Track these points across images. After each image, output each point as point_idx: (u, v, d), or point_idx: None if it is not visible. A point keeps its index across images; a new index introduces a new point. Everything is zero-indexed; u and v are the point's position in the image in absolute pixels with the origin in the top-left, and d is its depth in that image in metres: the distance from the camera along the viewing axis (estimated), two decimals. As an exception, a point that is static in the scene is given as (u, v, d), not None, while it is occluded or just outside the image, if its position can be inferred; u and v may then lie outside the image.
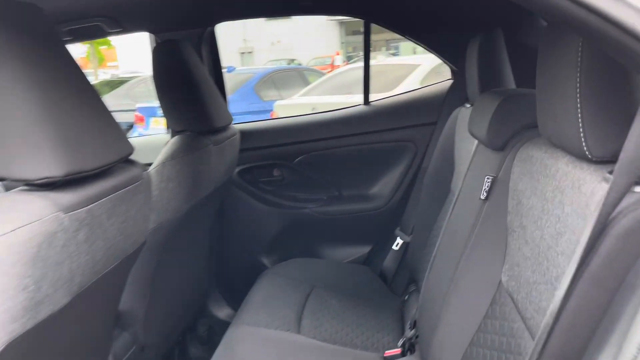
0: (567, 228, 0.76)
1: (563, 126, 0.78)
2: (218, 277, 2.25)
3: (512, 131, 1.09)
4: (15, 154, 0.78)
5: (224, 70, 2.17)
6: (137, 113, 6.80)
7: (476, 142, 1.43)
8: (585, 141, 0.71)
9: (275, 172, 2.20)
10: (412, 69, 5.86)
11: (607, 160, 0.71)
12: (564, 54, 0.75)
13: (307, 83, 8.13)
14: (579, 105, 0.71)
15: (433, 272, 1.38)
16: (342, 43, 29.42)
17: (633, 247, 0.60)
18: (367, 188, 2.18)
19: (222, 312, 2.26)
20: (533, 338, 0.85)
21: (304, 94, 6.40)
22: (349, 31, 30.11)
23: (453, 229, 1.30)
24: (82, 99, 0.90)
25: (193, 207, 1.56)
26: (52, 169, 0.78)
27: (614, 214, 0.61)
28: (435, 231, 1.75)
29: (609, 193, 0.62)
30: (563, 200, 0.79)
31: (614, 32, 0.53)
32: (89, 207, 0.86)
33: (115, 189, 0.95)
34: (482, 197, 1.11)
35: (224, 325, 2.25)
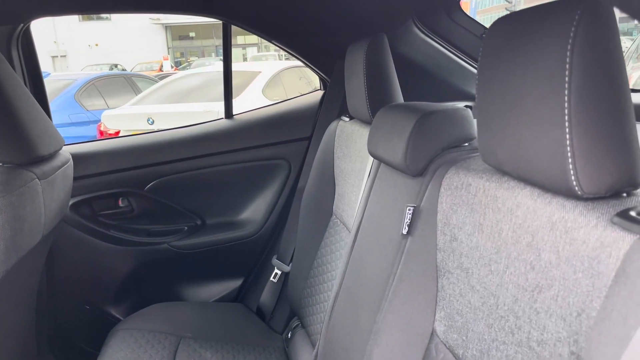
0: (552, 281, 0.61)
1: (532, 153, 0.63)
2: (51, 339, 1.77)
3: (433, 153, 0.95)
4: None
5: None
6: None
7: (371, 162, 1.27)
8: (576, 175, 0.58)
9: (121, 203, 1.81)
10: (252, 77, 5.68)
11: (601, 196, 0.59)
12: (540, 62, 0.60)
13: (137, 90, 7.46)
14: (567, 131, 0.57)
15: (336, 316, 1.19)
16: (169, 48, 28.13)
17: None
18: (235, 214, 1.91)
19: (58, 383, 1.80)
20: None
21: (136, 103, 5.80)
22: (176, 36, 28.97)
23: (360, 268, 1.12)
24: None
25: (13, 268, 1.14)
26: None
27: None
28: (319, 259, 1.57)
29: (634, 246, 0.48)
30: (536, 245, 0.65)
31: None
32: None
33: None
34: (404, 231, 0.94)
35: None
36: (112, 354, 1.46)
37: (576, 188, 0.58)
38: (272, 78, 5.60)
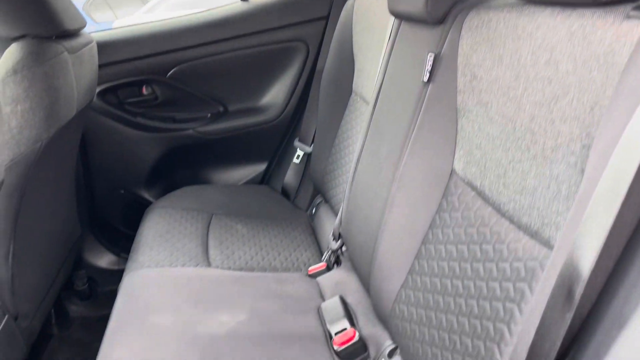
0: (568, 88, 0.65)
1: None
2: (92, 221, 1.90)
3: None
4: None
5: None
6: None
7: (390, 29, 1.28)
8: None
9: (145, 90, 1.85)
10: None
11: (618, 0, 0.60)
12: None
13: (146, 1, 7.26)
14: None
15: (359, 176, 1.25)
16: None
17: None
18: (256, 99, 1.95)
19: (102, 260, 1.95)
20: (513, 222, 0.76)
21: (147, 11, 5.68)
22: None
23: (381, 126, 1.17)
24: None
25: (53, 138, 1.22)
26: None
27: None
28: (340, 136, 1.62)
29: None
30: (554, 59, 0.68)
31: None
32: None
33: None
34: (425, 78, 0.97)
35: (107, 275, 1.96)
36: (150, 227, 1.57)
37: None
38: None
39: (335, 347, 1.10)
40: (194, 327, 1.12)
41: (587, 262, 0.49)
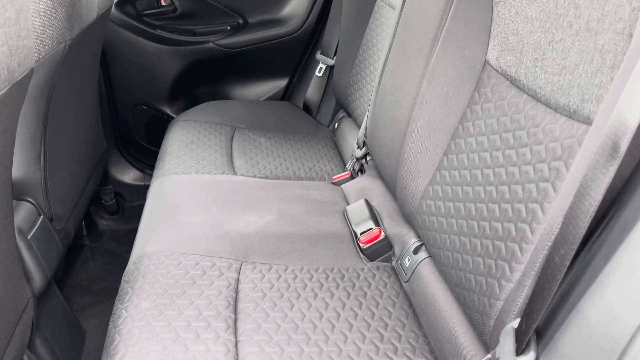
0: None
1: None
2: (115, 137, 1.92)
3: None
4: None
5: None
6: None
7: None
8: None
9: (163, 1, 1.81)
10: None
11: None
12: None
13: None
14: None
15: (386, 78, 1.23)
16: None
17: None
18: (276, 10, 1.89)
19: (127, 175, 1.99)
20: (549, 105, 0.74)
21: None
22: None
23: (410, 19, 1.13)
24: None
25: (76, 40, 1.20)
26: None
27: None
28: (364, 46, 1.58)
29: None
30: None
31: None
32: None
33: None
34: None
35: (132, 190, 2.00)
36: (175, 138, 1.58)
37: None
38: None
39: (362, 245, 1.13)
40: (223, 226, 1.15)
41: (635, 113, 0.48)
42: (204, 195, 1.26)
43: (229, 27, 1.88)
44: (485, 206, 0.84)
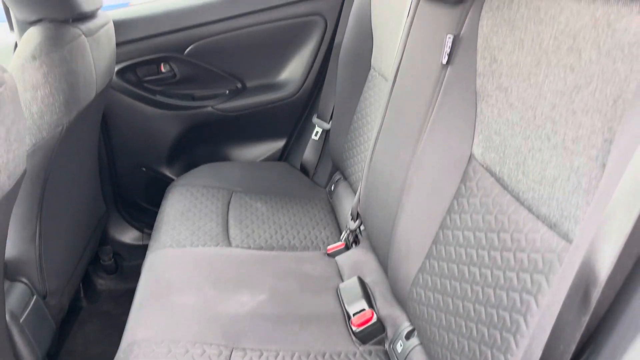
0: (591, 78, 0.63)
1: None
2: (116, 199, 1.94)
3: (473, -22, 0.92)
4: None
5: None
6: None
7: (409, 5, 1.24)
8: None
9: (163, 68, 1.85)
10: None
11: (647, -15, 0.57)
12: None
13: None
14: None
15: (377, 156, 1.25)
16: None
17: None
18: (274, 75, 1.93)
19: (126, 235, 2.00)
20: (532, 211, 0.75)
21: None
22: None
23: (400, 105, 1.15)
24: None
25: (73, 122, 1.23)
26: None
27: None
28: (359, 113, 1.61)
29: None
30: (577, 46, 0.66)
31: None
32: None
33: None
34: (444, 60, 0.95)
35: (131, 250, 2.01)
36: (172, 205, 1.60)
37: None
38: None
39: (354, 328, 1.12)
40: (215, 307, 1.15)
41: (605, 263, 0.48)
42: (197, 272, 1.27)
43: (227, 91, 1.91)
44: (472, 306, 0.83)
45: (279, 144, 2.03)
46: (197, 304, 1.15)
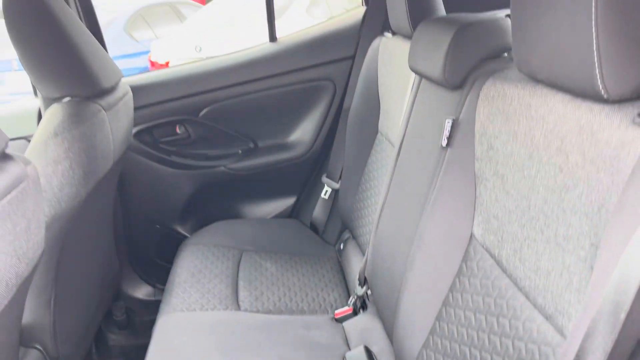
0: (578, 181, 0.66)
1: (562, 59, 0.65)
2: (130, 255, 1.99)
3: (471, 65, 0.96)
4: None
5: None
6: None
7: (413, 77, 1.29)
8: (601, 77, 0.60)
9: (179, 130, 1.92)
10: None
11: (627, 98, 0.61)
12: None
13: (182, 18, 7.47)
14: (594, 32, 0.59)
15: (383, 225, 1.27)
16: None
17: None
18: (285, 136, 1.99)
19: (139, 291, 2.03)
20: (529, 299, 0.77)
21: (182, 31, 5.86)
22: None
23: (404, 180, 1.18)
24: None
25: (92, 190, 1.29)
26: None
27: None
28: (366, 175, 1.65)
29: None
30: (564, 148, 0.69)
31: None
32: None
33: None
34: (443, 143, 0.99)
35: (144, 305, 2.03)
36: (183, 265, 1.63)
37: (602, 91, 0.60)
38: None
39: (360, 400, 1.12)
40: (222, 377, 1.16)
41: None
42: (205, 339, 1.29)
43: (240, 151, 1.97)
44: (473, 391, 0.84)
45: (290, 201, 2.07)
46: (204, 373, 1.17)
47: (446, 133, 0.98)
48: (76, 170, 1.20)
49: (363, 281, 1.41)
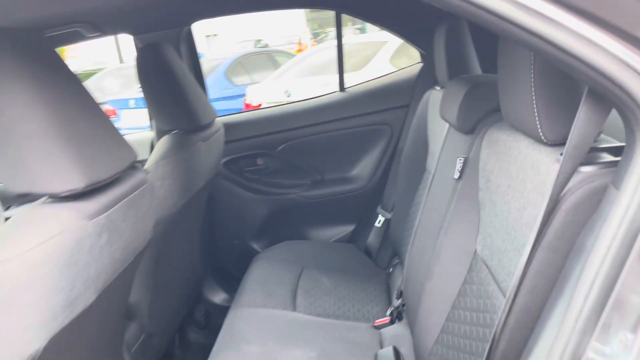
0: (529, 203, 0.89)
1: (521, 113, 0.90)
2: (211, 265, 2.35)
3: (479, 116, 1.21)
4: (39, 171, 0.86)
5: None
6: (107, 106, 6.74)
7: (447, 125, 1.55)
8: (540, 127, 0.84)
9: (259, 161, 2.29)
10: (379, 47, 5.94)
11: (560, 143, 0.84)
12: (518, 49, 0.86)
13: (277, 65, 8.14)
14: (533, 95, 0.83)
15: (415, 245, 1.52)
16: (308, 20, 29.20)
17: (580, 218, 0.73)
18: (348, 170, 2.30)
19: (217, 297, 2.37)
20: (505, 296, 0.98)
21: (276, 78, 6.44)
22: (313, 8, 29.69)
23: (431, 206, 1.43)
24: (89, 114, 0.98)
25: (187, 202, 1.65)
26: (74, 182, 0.87)
27: (564, 191, 0.74)
28: (413, 207, 1.89)
29: (559, 173, 0.75)
30: (525, 179, 0.92)
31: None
32: (107, 213, 0.95)
33: (126, 194, 1.04)
34: (456, 176, 1.23)
35: (220, 309, 2.37)
36: (254, 274, 1.95)
37: (542, 137, 0.84)
38: (399, 47, 5.74)
39: (382, 389, 1.35)
40: (275, 356, 1.44)
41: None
42: (264, 329, 1.58)
43: (309, 182, 2.30)
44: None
45: (349, 228, 2.35)
46: (260, 353, 1.45)
47: (458, 167, 1.23)
48: (176, 185, 1.57)
49: (399, 294, 1.64)
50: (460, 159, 1.22)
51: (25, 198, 1.50)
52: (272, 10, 2.01)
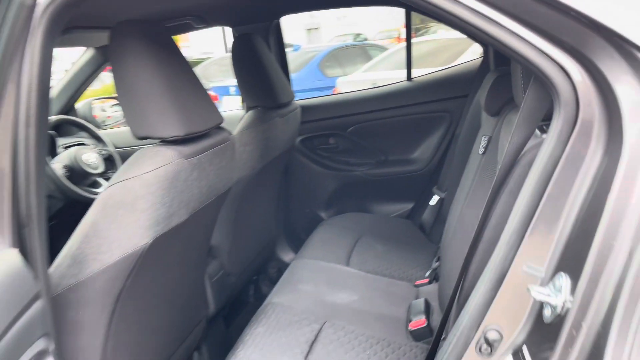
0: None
1: (518, 97, 1.12)
2: (284, 228, 2.71)
3: (503, 101, 1.42)
4: (155, 122, 1.22)
5: (290, 49, 2.57)
6: (211, 92, 7.41)
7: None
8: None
9: (331, 141, 2.60)
10: (471, 43, 6.00)
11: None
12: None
13: (369, 59, 8.39)
14: (522, 82, 1.05)
15: (451, 213, 1.74)
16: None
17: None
18: (409, 153, 2.54)
19: (287, 256, 2.72)
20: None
21: (366, 70, 6.71)
22: (416, 3, 29.33)
23: (464, 179, 1.65)
24: (192, 86, 1.33)
25: (264, 166, 2.00)
26: (177, 130, 1.22)
27: (523, 151, 0.96)
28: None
29: (511, 139, 0.97)
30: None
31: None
32: (198, 156, 1.29)
33: (214, 145, 1.38)
34: (480, 152, 1.45)
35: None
36: (318, 235, 2.27)
37: None
38: (490, 43, 5.73)
39: (410, 328, 1.60)
40: (324, 296, 1.74)
41: None
42: (319, 275, 1.89)
43: (373, 162, 2.57)
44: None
45: (408, 205, 2.59)
46: (312, 292, 1.76)
47: (483, 144, 1.45)
48: (256, 151, 1.91)
49: (437, 258, 1.87)
50: (485, 137, 1.44)
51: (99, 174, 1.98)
52: (355, 6, 2.28)
